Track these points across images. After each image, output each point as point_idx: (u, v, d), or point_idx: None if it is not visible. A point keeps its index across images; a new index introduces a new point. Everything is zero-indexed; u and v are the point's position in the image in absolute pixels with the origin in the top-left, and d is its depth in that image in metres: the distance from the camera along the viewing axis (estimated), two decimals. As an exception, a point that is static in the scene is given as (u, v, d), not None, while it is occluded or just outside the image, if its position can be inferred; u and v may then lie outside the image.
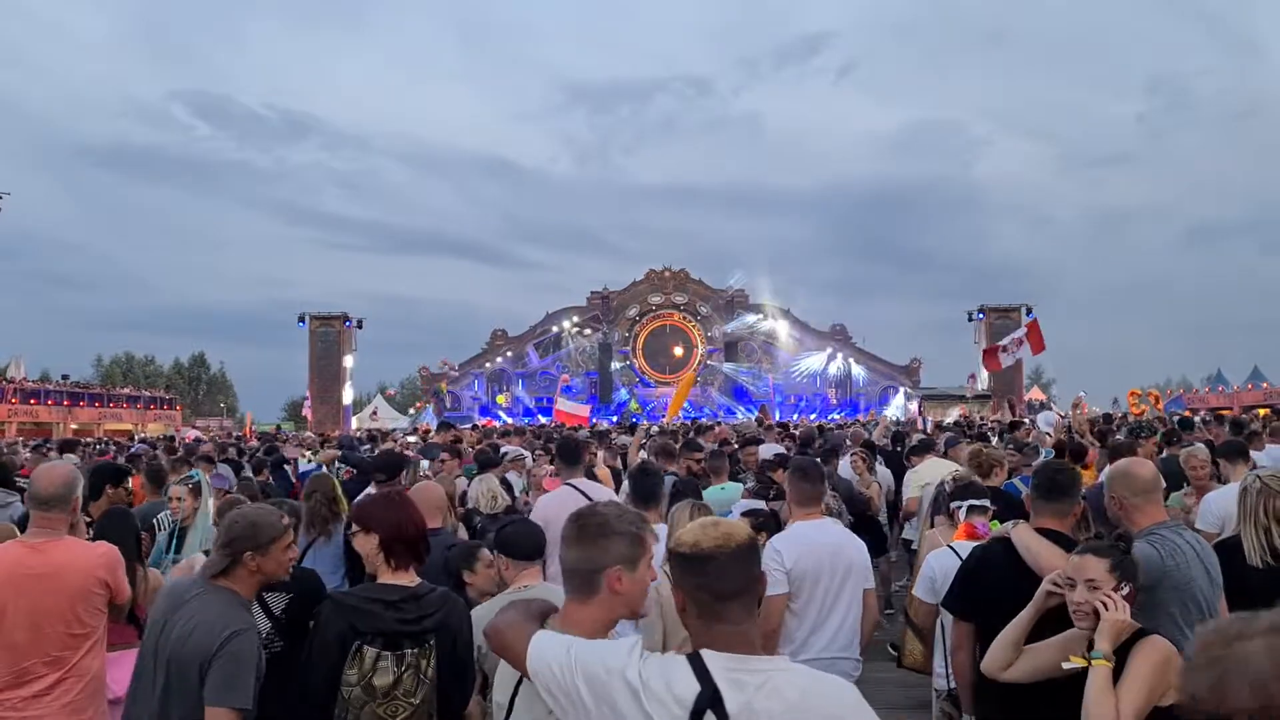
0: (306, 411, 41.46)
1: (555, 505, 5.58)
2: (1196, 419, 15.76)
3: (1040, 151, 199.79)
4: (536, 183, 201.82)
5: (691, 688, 1.87)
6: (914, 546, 8.51)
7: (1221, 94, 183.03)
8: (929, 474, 8.43)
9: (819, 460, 7.95)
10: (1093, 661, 2.84)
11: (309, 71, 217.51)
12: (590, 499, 5.60)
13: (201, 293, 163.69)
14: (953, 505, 5.28)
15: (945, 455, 9.20)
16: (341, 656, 3.13)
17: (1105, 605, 2.88)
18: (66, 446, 13.69)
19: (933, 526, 5.98)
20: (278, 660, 3.54)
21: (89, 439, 30.56)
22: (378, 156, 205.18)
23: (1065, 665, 2.96)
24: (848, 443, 13.32)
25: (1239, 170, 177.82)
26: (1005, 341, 21.69)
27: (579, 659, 2.00)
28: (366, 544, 3.39)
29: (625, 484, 7.01)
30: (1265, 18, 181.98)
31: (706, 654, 1.93)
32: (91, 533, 4.56)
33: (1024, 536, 3.64)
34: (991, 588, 3.66)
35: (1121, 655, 2.85)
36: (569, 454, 6.31)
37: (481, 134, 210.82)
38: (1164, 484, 5.76)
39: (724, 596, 1.99)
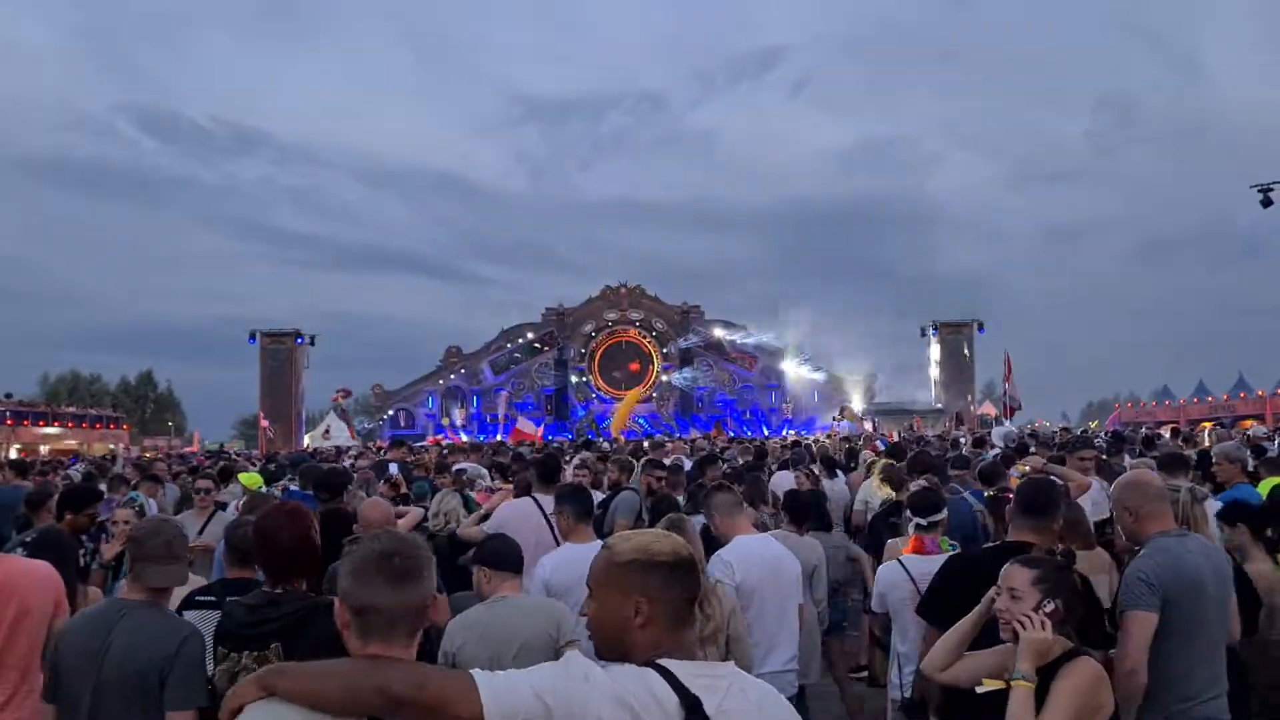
0: (270, 432, 40.75)
1: (515, 515, 5.56)
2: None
3: (991, 167, 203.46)
4: (490, 198, 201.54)
5: (671, 695, 1.85)
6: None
7: (1167, 111, 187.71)
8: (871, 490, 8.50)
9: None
10: (1011, 682, 2.74)
11: (257, 85, 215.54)
12: (546, 514, 5.57)
13: (149, 309, 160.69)
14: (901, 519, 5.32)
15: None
16: (214, 660, 3.28)
17: (1023, 624, 2.79)
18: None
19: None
20: None
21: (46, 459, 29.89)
22: (329, 171, 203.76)
23: (978, 689, 2.87)
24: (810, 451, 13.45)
25: (1186, 186, 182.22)
26: (1002, 391, 23.51)
27: (546, 687, 1.81)
28: None
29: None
30: (1209, 36, 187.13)
31: (669, 663, 1.91)
32: (25, 552, 4.53)
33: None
34: (967, 596, 3.60)
35: (1053, 674, 2.76)
36: (547, 473, 6.36)
37: (435, 149, 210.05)
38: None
39: (694, 602, 2.05)
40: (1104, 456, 8.94)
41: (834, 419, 38.16)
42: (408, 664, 1.96)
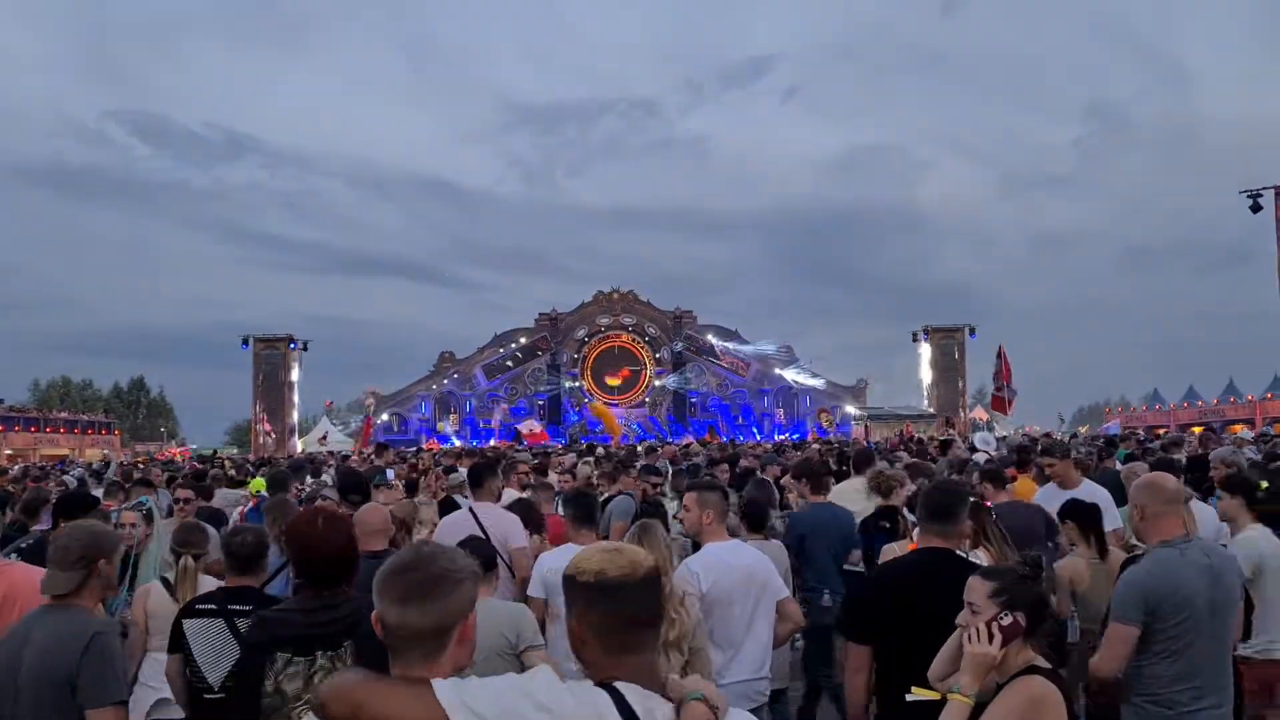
0: (270, 435, 40.59)
1: (448, 532, 5.53)
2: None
3: (981, 174, 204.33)
4: (483, 204, 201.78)
5: None
6: None
7: (1156, 118, 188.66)
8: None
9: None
10: (948, 695, 2.65)
11: (249, 91, 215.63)
12: (483, 525, 5.55)
13: (141, 315, 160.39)
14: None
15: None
16: (260, 667, 3.13)
17: (969, 637, 2.69)
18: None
19: None
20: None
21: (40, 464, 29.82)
22: (321, 177, 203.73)
23: (909, 697, 2.78)
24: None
25: (1175, 191, 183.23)
26: (996, 385, 23.39)
27: (505, 703, 1.73)
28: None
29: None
30: (1196, 44, 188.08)
31: (623, 687, 1.81)
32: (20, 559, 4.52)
33: None
34: (882, 610, 3.65)
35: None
36: (476, 479, 6.27)
37: (427, 155, 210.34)
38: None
39: (635, 625, 1.91)
40: (1089, 462, 9.06)
41: (822, 422, 38.60)
42: (362, 674, 1.84)
